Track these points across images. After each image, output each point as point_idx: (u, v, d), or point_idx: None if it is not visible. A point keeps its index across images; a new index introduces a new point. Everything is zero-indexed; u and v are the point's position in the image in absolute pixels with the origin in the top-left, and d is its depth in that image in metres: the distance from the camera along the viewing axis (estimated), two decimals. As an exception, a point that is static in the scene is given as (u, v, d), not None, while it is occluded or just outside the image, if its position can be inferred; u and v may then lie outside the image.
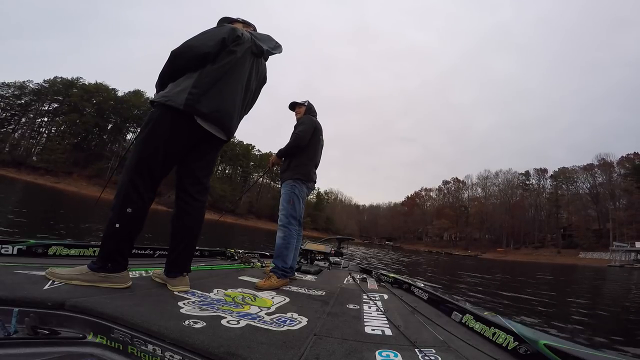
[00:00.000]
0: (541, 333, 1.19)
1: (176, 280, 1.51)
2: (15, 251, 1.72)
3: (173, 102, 1.41)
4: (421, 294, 2.25)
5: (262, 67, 1.79)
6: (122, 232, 1.35)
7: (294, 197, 2.50)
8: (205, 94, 1.44)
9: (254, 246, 9.42)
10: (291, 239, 2.42)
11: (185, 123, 1.44)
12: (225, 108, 1.53)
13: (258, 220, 63.33)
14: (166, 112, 1.42)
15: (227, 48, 1.52)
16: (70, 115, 54.20)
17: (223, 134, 1.59)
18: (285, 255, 2.34)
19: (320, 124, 2.76)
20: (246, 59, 1.61)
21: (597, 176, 61.43)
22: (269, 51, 1.76)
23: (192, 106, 1.41)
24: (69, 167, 50.78)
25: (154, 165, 1.40)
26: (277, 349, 0.94)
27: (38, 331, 0.89)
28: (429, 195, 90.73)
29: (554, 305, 5.88)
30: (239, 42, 1.56)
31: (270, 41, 1.79)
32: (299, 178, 2.53)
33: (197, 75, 1.45)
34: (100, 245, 1.37)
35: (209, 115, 1.47)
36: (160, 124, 1.42)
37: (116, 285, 1.32)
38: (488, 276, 11.37)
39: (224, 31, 1.52)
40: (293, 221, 2.46)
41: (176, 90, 1.43)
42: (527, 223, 65.21)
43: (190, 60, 1.45)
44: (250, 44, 1.63)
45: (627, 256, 39.81)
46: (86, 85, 57.25)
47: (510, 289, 7.90)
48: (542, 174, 71.04)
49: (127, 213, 1.34)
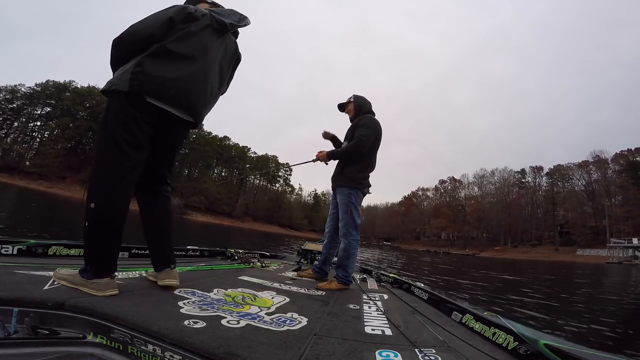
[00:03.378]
0: (541, 333, 1.19)
1: (163, 274, 1.46)
2: (15, 251, 1.72)
3: (117, 85, 1.29)
4: (421, 294, 2.26)
5: (231, 44, 1.65)
6: (91, 229, 1.26)
7: (351, 206, 2.44)
8: (151, 70, 1.31)
9: (254, 247, 9.42)
10: (352, 249, 2.41)
11: (138, 106, 1.31)
12: (181, 84, 1.38)
13: (254, 222, 63.44)
14: (114, 98, 1.32)
15: (176, 27, 1.38)
16: (63, 119, 54.03)
17: (185, 113, 1.45)
18: (346, 265, 2.37)
19: (380, 124, 2.62)
20: (204, 34, 1.46)
21: (592, 173, 61.75)
22: (233, 24, 1.60)
23: (139, 86, 1.29)
24: (62, 171, 50.60)
25: (116, 158, 1.29)
26: (277, 349, 0.94)
27: (38, 331, 0.89)
28: (425, 195, 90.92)
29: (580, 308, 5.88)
30: (190, 18, 1.41)
31: (234, 14, 1.63)
32: (356, 187, 2.46)
33: (141, 56, 1.33)
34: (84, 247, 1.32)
35: (160, 92, 1.33)
36: (111, 112, 1.31)
37: (91, 291, 1.20)
38: (517, 277, 11.29)
39: (172, 10, 1.39)
40: (353, 231, 2.43)
41: (120, 74, 1.32)
42: (524, 221, 65.34)
43: (134, 44, 1.33)
44: (209, 20, 1.48)
45: (625, 252, 39.95)
46: (79, 89, 57.07)
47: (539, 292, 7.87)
48: (537, 172, 71.32)
49: (91, 209, 1.24)
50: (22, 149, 54.33)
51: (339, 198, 2.49)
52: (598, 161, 60.80)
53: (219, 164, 69.90)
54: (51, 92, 55.56)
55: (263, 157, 74.43)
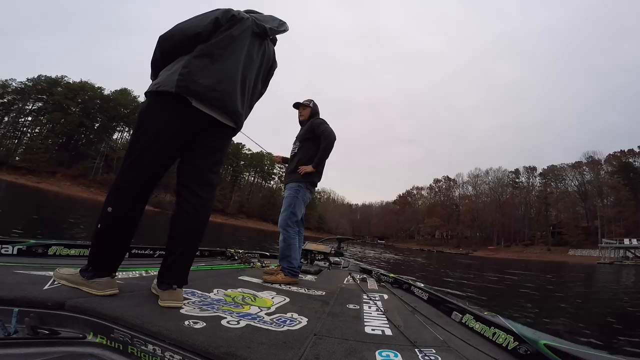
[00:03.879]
0: (541, 333, 1.19)
1: (165, 294, 1.26)
2: (15, 251, 1.72)
3: (164, 86, 1.27)
4: (421, 294, 2.26)
5: (270, 50, 1.65)
6: (103, 233, 1.25)
7: (296, 200, 2.54)
8: (198, 72, 1.30)
9: (246, 244, 9.41)
10: (291, 239, 2.48)
11: (182, 108, 1.29)
12: (225, 87, 1.36)
13: (248, 219, 63.10)
14: (158, 99, 1.29)
15: (222, 28, 1.37)
16: (54, 114, 53.12)
17: (228, 118, 1.41)
18: (288, 256, 2.42)
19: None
20: (245, 38, 1.46)
21: (585, 174, 61.87)
22: (273, 30, 1.58)
23: (186, 86, 1.26)
24: (52, 166, 49.84)
25: (148, 161, 1.26)
26: (277, 349, 0.94)
27: (38, 331, 0.89)
28: (420, 194, 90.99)
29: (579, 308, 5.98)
30: (234, 21, 1.41)
31: (274, 20, 1.61)
32: (307, 181, 2.57)
33: (188, 56, 1.32)
34: (90, 247, 1.30)
35: (206, 95, 1.30)
36: (152, 113, 1.29)
37: (92, 290, 1.20)
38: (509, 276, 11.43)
39: (218, 11, 1.39)
40: (291, 223, 2.51)
41: (167, 74, 1.30)
42: (517, 221, 65.50)
43: (180, 42, 1.33)
44: (251, 23, 1.47)
45: (616, 253, 39.99)
46: (71, 84, 56.12)
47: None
48: (531, 172, 71.32)
49: (107, 212, 1.23)
50: (12, 144, 53.36)
51: (286, 192, 2.59)
52: (591, 162, 61.00)
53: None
54: (43, 87, 54.61)
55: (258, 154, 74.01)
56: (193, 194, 1.39)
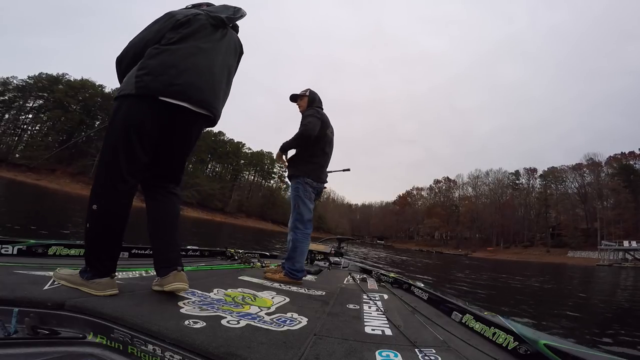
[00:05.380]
0: (541, 333, 1.19)
1: (169, 277, 1.35)
2: (15, 251, 1.73)
3: (125, 90, 1.33)
4: (421, 294, 2.26)
5: (233, 37, 1.66)
6: (92, 231, 1.27)
7: (299, 200, 2.49)
8: (155, 69, 1.33)
9: (242, 243, 9.43)
10: (298, 242, 2.46)
11: (147, 107, 1.32)
12: (186, 79, 1.38)
13: (248, 218, 62.98)
14: (123, 101, 1.33)
15: (167, 35, 1.40)
16: (55, 112, 53.05)
17: (199, 106, 1.43)
18: (292, 258, 2.41)
19: (328, 117, 2.66)
20: (202, 31, 1.47)
21: (585, 176, 61.66)
22: (230, 18, 1.60)
23: (144, 86, 1.30)
24: (52, 164, 49.66)
25: (122, 157, 1.29)
26: (277, 349, 0.94)
27: (38, 331, 0.89)
28: (420, 195, 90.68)
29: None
30: (178, 26, 1.42)
31: (228, 9, 1.63)
32: (303, 176, 2.50)
33: (142, 59, 1.36)
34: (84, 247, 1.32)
35: (167, 90, 1.33)
36: (118, 116, 1.33)
37: (92, 291, 1.21)
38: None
39: (161, 20, 1.43)
40: (300, 225, 2.49)
41: (127, 79, 1.36)
42: (516, 222, 65.38)
43: (133, 57, 1.39)
44: (205, 17, 1.49)
45: (615, 255, 39.97)
46: (71, 82, 56.06)
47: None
48: (531, 174, 71.06)
49: (92, 210, 1.25)
50: (12, 141, 53.31)
51: (290, 191, 2.58)
52: (591, 164, 60.85)
53: (212, 159, 69.43)
54: (44, 84, 54.53)
55: (258, 153, 73.98)
56: (162, 186, 1.47)
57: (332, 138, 2.71)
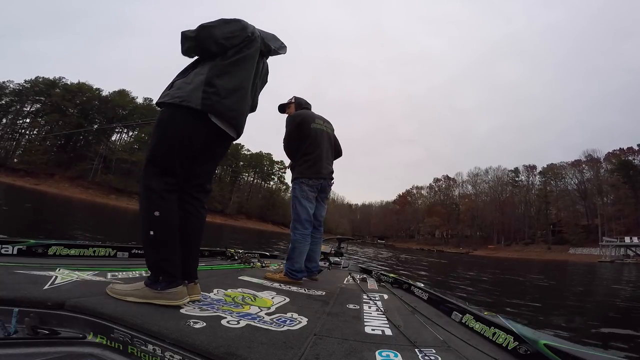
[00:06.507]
0: (541, 333, 1.20)
1: (189, 289, 1.36)
2: (15, 251, 1.73)
3: (190, 102, 1.34)
4: (421, 294, 2.26)
5: (266, 67, 1.73)
6: (158, 238, 1.26)
7: (295, 201, 2.55)
8: (221, 92, 1.38)
9: (246, 245, 9.48)
10: (297, 243, 2.49)
11: (202, 122, 1.37)
12: (240, 106, 1.48)
13: (248, 220, 62.95)
14: (180, 111, 1.35)
15: (239, 45, 1.46)
16: (52, 116, 52.82)
17: (234, 131, 1.52)
18: (291, 258, 2.43)
19: (310, 111, 2.71)
20: (255, 56, 1.55)
21: (584, 172, 61.47)
22: (275, 51, 1.69)
23: (211, 105, 1.35)
24: (51, 168, 49.64)
25: (172, 166, 1.34)
26: (277, 349, 0.94)
27: (38, 331, 0.89)
28: (420, 193, 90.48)
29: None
30: (249, 41, 1.49)
31: (276, 41, 1.71)
32: (299, 177, 2.57)
33: (208, 71, 1.39)
34: (146, 259, 1.30)
35: (226, 114, 1.41)
36: (175, 124, 1.35)
37: (170, 302, 1.20)
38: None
39: (234, 28, 1.46)
40: (298, 225, 2.51)
41: (189, 89, 1.36)
42: (517, 220, 65.20)
43: (198, 48, 1.41)
44: (260, 42, 1.57)
45: (617, 251, 39.95)
46: (69, 85, 55.98)
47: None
48: (531, 171, 70.89)
49: (155, 217, 1.26)
50: (10, 145, 53.12)
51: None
52: (590, 160, 60.66)
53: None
54: (40, 88, 54.33)
55: (257, 155, 73.93)
56: (194, 197, 1.49)
57: (324, 128, 2.68)
